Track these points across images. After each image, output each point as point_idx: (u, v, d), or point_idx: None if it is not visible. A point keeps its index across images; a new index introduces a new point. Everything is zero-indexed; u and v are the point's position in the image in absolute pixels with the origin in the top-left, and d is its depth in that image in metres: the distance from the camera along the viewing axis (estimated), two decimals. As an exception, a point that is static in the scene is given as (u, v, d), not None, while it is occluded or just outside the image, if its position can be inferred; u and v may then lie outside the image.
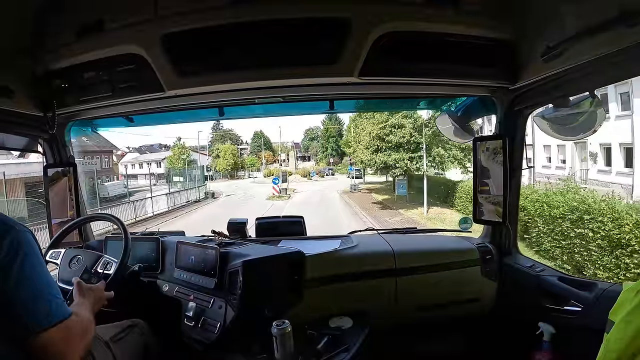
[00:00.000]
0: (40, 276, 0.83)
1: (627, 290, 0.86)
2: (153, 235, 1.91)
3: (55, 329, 0.81)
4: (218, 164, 40.69)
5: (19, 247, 0.80)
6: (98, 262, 1.51)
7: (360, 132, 18.25)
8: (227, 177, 41.11)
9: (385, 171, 19.35)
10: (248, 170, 44.00)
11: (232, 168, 41.66)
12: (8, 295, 0.77)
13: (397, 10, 1.27)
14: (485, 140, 1.77)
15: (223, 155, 41.35)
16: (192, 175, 24.14)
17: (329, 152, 46.29)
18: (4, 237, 0.79)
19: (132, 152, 42.98)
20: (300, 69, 1.34)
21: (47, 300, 0.82)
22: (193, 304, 1.50)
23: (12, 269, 0.78)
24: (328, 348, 1.36)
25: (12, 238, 0.80)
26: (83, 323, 0.92)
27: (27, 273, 0.80)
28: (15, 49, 1.38)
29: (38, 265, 0.84)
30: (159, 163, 37.20)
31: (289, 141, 50.83)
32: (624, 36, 0.97)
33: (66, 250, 1.63)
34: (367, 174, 28.78)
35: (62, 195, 1.89)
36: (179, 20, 1.27)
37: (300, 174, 38.17)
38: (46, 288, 0.83)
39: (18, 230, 0.82)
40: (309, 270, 1.58)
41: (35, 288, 0.81)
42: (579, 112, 1.38)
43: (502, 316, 1.78)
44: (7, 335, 0.77)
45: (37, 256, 0.85)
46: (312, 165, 45.92)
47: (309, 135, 54.76)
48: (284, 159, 42.38)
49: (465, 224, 2.08)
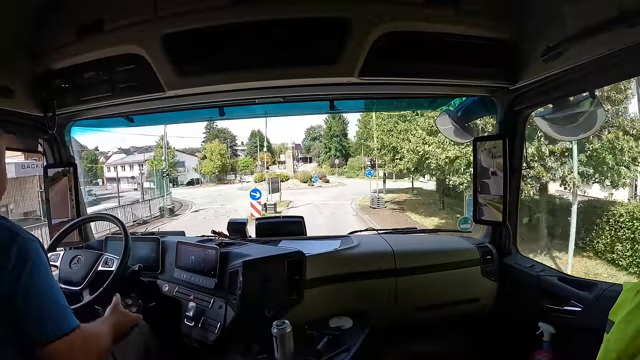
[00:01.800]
0: (48, 286, 0.82)
1: (627, 290, 0.86)
2: (153, 235, 1.91)
3: (60, 342, 0.80)
4: (203, 166, 36.05)
5: (27, 255, 0.79)
6: (99, 261, 1.51)
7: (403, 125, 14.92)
8: (216, 182, 36.17)
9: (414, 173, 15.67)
10: (241, 173, 39.02)
11: (220, 171, 36.36)
12: (17, 306, 0.76)
13: (397, 10, 1.27)
14: (485, 140, 1.77)
15: (209, 155, 36.07)
16: (172, 179, 21.64)
17: (332, 153, 42.62)
18: (10, 245, 0.77)
19: (118, 153, 38.71)
20: (300, 69, 1.34)
21: (55, 310, 0.82)
22: (193, 304, 1.50)
23: (21, 279, 0.76)
24: (328, 348, 1.36)
25: (20, 247, 0.78)
26: (91, 337, 0.90)
27: (36, 283, 0.79)
28: (15, 49, 1.38)
29: (46, 275, 0.82)
30: (141, 165, 32.45)
31: (288, 142, 45.67)
32: (624, 36, 0.97)
33: (66, 250, 1.63)
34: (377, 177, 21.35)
35: (62, 195, 1.89)
36: (179, 20, 1.27)
37: (300, 178, 31.10)
38: (54, 298, 0.82)
39: (25, 239, 0.80)
40: (309, 270, 1.58)
41: (43, 298, 0.80)
42: (579, 112, 1.39)
43: (502, 316, 1.78)
44: (14, 345, 0.77)
45: (45, 265, 0.83)
46: (314, 167, 39.68)
47: (311, 135, 50.27)
48: (283, 161, 38.35)
49: (465, 224, 2.09)
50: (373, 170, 20.76)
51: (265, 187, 18.85)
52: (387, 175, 20.78)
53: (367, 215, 15.55)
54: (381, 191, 19.24)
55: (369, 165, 23.48)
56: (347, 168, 38.85)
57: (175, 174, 34.59)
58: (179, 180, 35.66)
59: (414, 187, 21.51)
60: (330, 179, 33.45)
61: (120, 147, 38.45)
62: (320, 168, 38.85)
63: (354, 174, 35.48)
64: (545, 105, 1.55)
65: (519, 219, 1.87)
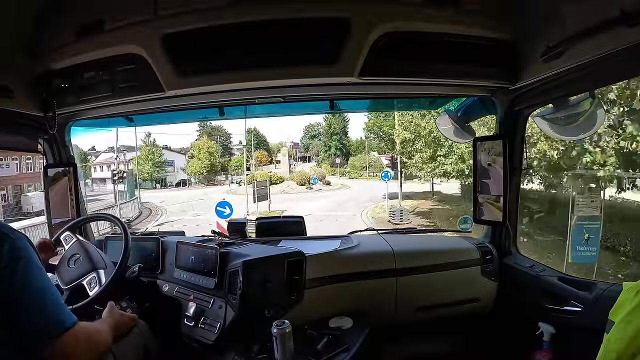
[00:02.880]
0: (42, 282, 0.83)
1: (627, 290, 0.86)
2: (153, 235, 1.91)
3: (66, 335, 0.81)
4: (190, 166, 32.33)
5: (19, 253, 0.80)
6: (87, 275, 1.43)
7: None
8: (205, 183, 32.24)
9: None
10: (234, 173, 34.14)
11: (208, 171, 32.45)
12: (14, 303, 0.77)
13: (397, 10, 1.27)
14: (485, 141, 1.77)
15: (197, 154, 32.15)
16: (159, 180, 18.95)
17: (332, 152, 39.00)
18: (1, 244, 0.78)
19: (106, 152, 33.90)
20: (300, 69, 1.34)
21: (54, 306, 0.83)
22: (193, 304, 1.50)
23: (15, 276, 0.77)
24: (328, 348, 1.36)
25: (10, 245, 0.79)
26: (92, 332, 0.92)
27: (30, 279, 0.80)
28: (15, 49, 1.38)
29: (39, 271, 0.83)
30: (126, 165, 28.78)
31: (285, 140, 41.66)
32: (624, 36, 0.97)
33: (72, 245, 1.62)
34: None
35: (62, 195, 1.89)
36: (179, 20, 1.27)
37: (297, 180, 26.35)
38: (49, 294, 0.83)
39: (14, 238, 0.81)
40: (309, 270, 1.58)
41: (41, 293, 0.81)
42: (579, 112, 1.39)
43: (502, 316, 1.78)
44: (12, 346, 0.77)
45: (37, 262, 0.84)
46: (313, 167, 35.13)
47: (310, 133, 45.47)
48: (279, 160, 33.79)
49: (465, 224, 2.09)
50: (391, 172, 16.42)
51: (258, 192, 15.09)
52: (403, 175, 16.60)
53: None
54: (393, 196, 15.20)
55: (387, 164, 18.77)
56: (349, 168, 35.71)
57: (163, 174, 32.21)
58: (167, 181, 32.77)
59: (433, 192, 17.34)
60: (331, 180, 29.44)
61: (110, 146, 33.21)
62: (320, 168, 34.81)
63: (356, 174, 33.18)
64: (546, 105, 1.55)
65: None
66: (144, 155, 29.85)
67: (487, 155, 1.75)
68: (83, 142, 32.53)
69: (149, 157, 30.08)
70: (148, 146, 30.86)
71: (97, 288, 1.40)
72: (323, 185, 26.26)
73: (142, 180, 25.65)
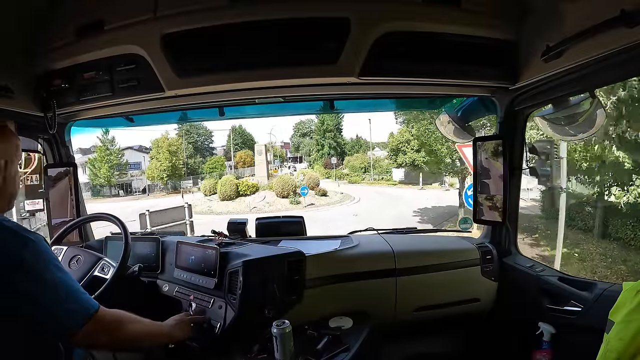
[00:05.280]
0: (66, 276, 0.90)
1: (627, 290, 0.86)
2: (153, 235, 1.91)
3: (92, 321, 0.89)
4: (148, 169, 26.35)
5: (41, 254, 0.85)
6: (96, 266, 1.51)
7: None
8: (169, 190, 25.92)
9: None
10: (209, 177, 26.77)
11: (168, 175, 25.60)
12: (41, 301, 0.83)
13: (397, 10, 1.27)
14: (485, 141, 1.77)
15: (155, 154, 25.88)
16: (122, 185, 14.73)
17: (325, 151, 34.57)
18: (23, 247, 0.83)
19: (76, 153, 30.89)
20: (300, 69, 1.34)
21: (80, 295, 0.90)
22: (193, 304, 1.50)
23: (45, 275, 0.84)
24: (328, 348, 1.36)
25: (32, 247, 0.84)
26: (115, 317, 0.98)
27: (57, 276, 0.86)
28: (15, 49, 1.38)
29: (60, 267, 0.90)
30: (84, 168, 24.14)
31: (267, 138, 35.07)
32: (624, 36, 0.97)
33: (68, 248, 1.63)
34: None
35: (62, 195, 1.89)
36: (179, 20, 1.27)
37: (278, 190, 18.35)
38: (73, 286, 0.90)
39: (34, 240, 0.85)
40: (309, 270, 1.58)
41: (67, 288, 0.88)
42: (579, 112, 1.39)
43: (502, 316, 1.78)
44: (43, 336, 0.86)
45: (55, 258, 0.91)
46: (303, 169, 28.26)
47: (300, 130, 41.05)
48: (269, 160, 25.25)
49: (465, 224, 2.08)
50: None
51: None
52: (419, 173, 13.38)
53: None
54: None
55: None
56: (347, 169, 30.45)
57: (127, 179, 27.19)
58: (133, 187, 27.31)
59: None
60: (326, 187, 21.78)
61: (80, 147, 27.56)
62: (312, 169, 29.05)
63: (357, 177, 27.82)
64: (546, 105, 1.55)
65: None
66: (100, 157, 24.85)
67: (486, 155, 1.75)
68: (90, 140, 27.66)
69: (105, 158, 24.68)
70: (104, 144, 25.60)
71: (112, 270, 1.45)
72: (316, 195, 18.69)
73: (99, 186, 22.37)
